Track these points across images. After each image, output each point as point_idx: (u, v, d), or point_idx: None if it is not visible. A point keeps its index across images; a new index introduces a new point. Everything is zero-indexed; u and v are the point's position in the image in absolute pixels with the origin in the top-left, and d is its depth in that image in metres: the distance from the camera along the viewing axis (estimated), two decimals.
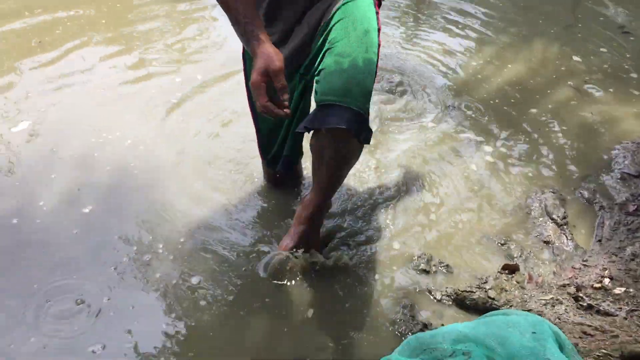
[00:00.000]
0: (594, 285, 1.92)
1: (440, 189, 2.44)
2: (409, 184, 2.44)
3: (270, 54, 1.54)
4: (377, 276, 2.01)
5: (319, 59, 1.72)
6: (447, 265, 2.08)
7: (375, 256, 2.09)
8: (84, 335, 1.73)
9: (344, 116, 1.60)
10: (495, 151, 2.70)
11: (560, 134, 2.86)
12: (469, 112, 3.00)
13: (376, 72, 1.68)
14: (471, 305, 1.91)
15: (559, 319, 1.78)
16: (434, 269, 2.06)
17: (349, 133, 1.62)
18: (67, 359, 1.67)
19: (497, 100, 3.11)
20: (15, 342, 1.70)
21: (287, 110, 1.56)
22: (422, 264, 2.06)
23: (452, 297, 1.94)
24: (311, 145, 1.77)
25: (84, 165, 2.41)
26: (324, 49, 1.70)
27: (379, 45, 1.69)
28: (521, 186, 2.50)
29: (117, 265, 1.97)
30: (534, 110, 3.04)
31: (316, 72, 1.72)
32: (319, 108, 1.66)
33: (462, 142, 2.75)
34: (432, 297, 1.95)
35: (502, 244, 2.19)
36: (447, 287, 1.98)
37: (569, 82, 3.33)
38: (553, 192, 2.44)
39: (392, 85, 3.18)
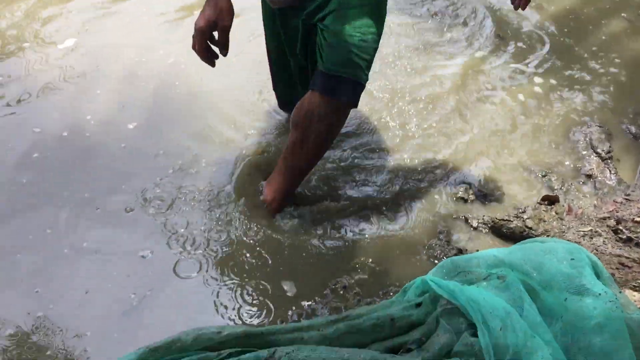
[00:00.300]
0: (635, 219, 1.90)
1: (484, 118, 2.41)
2: (453, 112, 2.41)
3: (223, 9, 1.57)
4: (415, 201, 2.02)
5: (324, 12, 1.68)
6: (485, 195, 2.08)
7: (415, 182, 2.10)
8: (133, 242, 1.82)
9: (349, 90, 1.69)
10: (544, 82, 2.63)
11: (611, 67, 2.75)
12: (520, 43, 2.89)
13: (379, 37, 1.71)
14: (508, 233, 1.92)
15: (597, 250, 1.78)
16: (472, 197, 2.06)
17: (349, 105, 1.73)
18: (118, 263, 1.76)
19: (549, 30, 2.99)
20: (69, 247, 1.80)
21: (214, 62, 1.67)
22: (460, 192, 2.07)
23: (489, 225, 1.95)
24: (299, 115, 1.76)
25: (128, 83, 2.44)
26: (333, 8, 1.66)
27: None
28: (567, 119, 2.44)
29: (162, 177, 2.04)
30: (586, 42, 2.92)
31: (322, 28, 1.68)
32: (326, 77, 1.68)
33: (511, 72, 2.68)
34: (468, 225, 1.96)
35: (543, 176, 2.16)
36: (484, 216, 1.99)
37: (622, 14, 3.17)
38: (599, 127, 2.38)
39: (442, 10, 3.08)
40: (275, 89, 2.21)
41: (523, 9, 1.80)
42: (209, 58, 1.66)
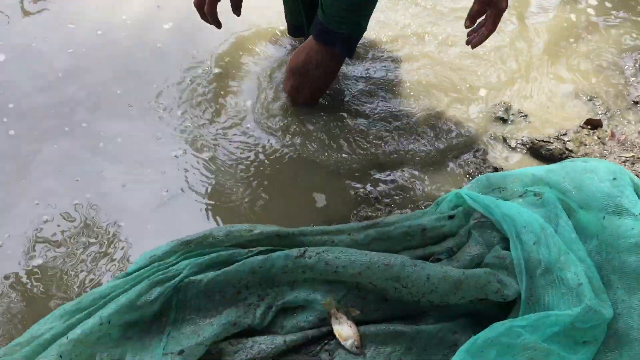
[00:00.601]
0: None
1: (533, 38, 2.30)
2: (499, 31, 2.30)
3: None
4: (452, 118, 1.97)
5: None
6: (526, 115, 2.01)
7: (453, 99, 2.04)
8: (167, 140, 1.83)
9: (345, 43, 1.75)
10: (598, 4, 2.49)
11: None
12: None
13: None
14: (546, 155, 1.87)
15: (638, 177, 1.73)
16: (512, 117, 2.00)
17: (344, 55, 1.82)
18: (153, 161, 1.77)
19: None
20: (104, 141, 1.81)
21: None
22: (500, 112, 2.01)
23: (528, 146, 1.90)
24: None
25: None
26: None
27: None
28: (618, 44, 2.32)
29: (196, 77, 2.03)
30: None
31: None
32: (324, 27, 1.72)
33: None
34: (506, 144, 1.92)
35: (588, 100, 2.09)
36: (523, 137, 1.93)
37: None
38: None
39: None
40: (285, 14, 2.14)
41: (473, 47, 1.67)
42: (215, 20, 1.64)
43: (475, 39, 1.63)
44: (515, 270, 1.34)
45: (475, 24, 1.64)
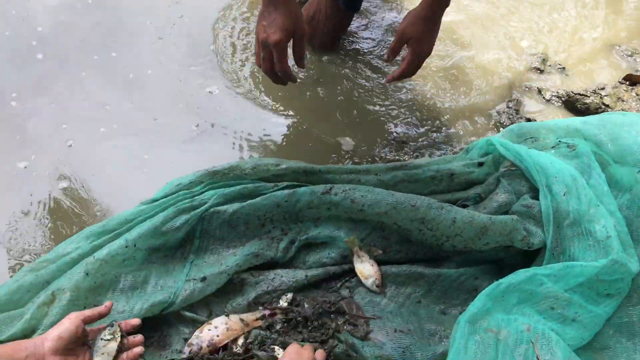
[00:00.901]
0: None
1: None
2: None
3: (299, 15, 1.34)
4: (487, 65, 1.93)
5: None
6: (564, 68, 1.95)
7: (490, 47, 1.98)
8: (200, 75, 1.81)
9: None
10: None
11: None
12: None
13: None
14: (582, 109, 1.82)
15: None
16: (549, 69, 1.95)
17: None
18: (187, 96, 1.76)
19: None
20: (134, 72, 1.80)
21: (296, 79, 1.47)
22: (536, 62, 1.95)
23: (563, 98, 1.85)
24: None
25: None
26: None
27: None
28: None
29: (229, 16, 2.00)
30: None
31: None
32: None
33: None
34: (541, 96, 1.87)
35: (629, 55, 2.01)
36: (559, 89, 1.88)
37: None
38: None
39: None
40: None
41: (388, 82, 1.62)
42: (291, 74, 1.41)
43: (388, 76, 1.58)
44: (543, 220, 1.32)
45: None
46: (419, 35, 1.45)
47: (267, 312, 1.26)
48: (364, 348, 1.20)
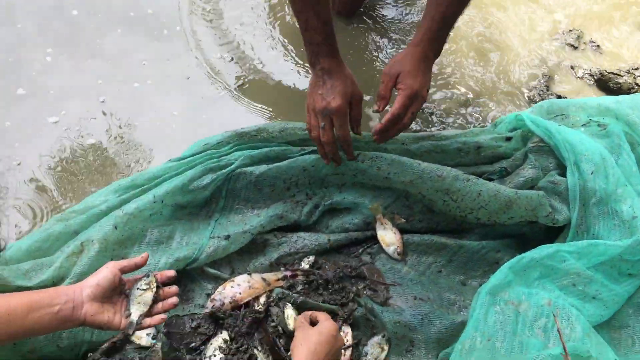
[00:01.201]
0: None
1: None
2: None
3: (354, 79, 1.25)
4: (519, 38, 1.89)
5: None
6: (598, 46, 1.92)
7: (526, 22, 1.95)
8: (225, 39, 1.81)
9: None
10: None
11: None
12: None
13: None
14: (614, 88, 1.79)
15: None
16: (583, 46, 1.91)
17: None
18: (217, 53, 1.76)
19: None
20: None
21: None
22: (571, 39, 1.91)
23: (596, 77, 1.82)
24: None
25: None
26: None
27: None
28: None
29: None
30: None
31: None
32: None
33: None
34: (573, 73, 1.84)
35: None
36: (592, 67, 1.85)
37: None
38: None
39: None
40: None
41: (375, 134, 1.26)
42: (351, 146, 1.28)
43: (376, 126, 1.25)
44: (569, 197, 1.32)
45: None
46: (408, 69, 1.22)
47: (288, 273, 1.28)
48: (383, 313, 1.21)
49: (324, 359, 0.99)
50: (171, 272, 1.08)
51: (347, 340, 1.19)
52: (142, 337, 1.18)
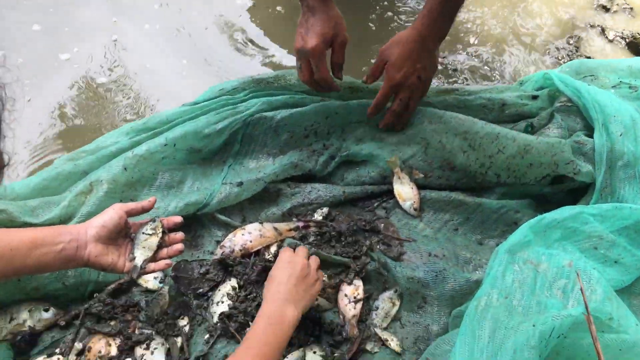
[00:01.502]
0: None
1: None
2: None
3: (340, 21, 1.18)
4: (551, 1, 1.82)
5: None
6: (631, 8, 1.84)
7: None
8: None
9: None
10: None
11: None
12: None
13: None
14: None
15: None
16: (615, 7, 1.83)
17: None
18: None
19: None
20: None
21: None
22: (603, 0, 1.83)
23: (627, 40, 1.75)
24: None
25: None
26: None
27: None
28: None
29: None
30: None
31: None
32: None
33: None
34: (604, 35, 1.77)
35: None
36: (624, 29, 1.77)
37: None
38: None
39: None
40: None
41: (369, 116, 1.30)
42: (332, 83, 1.25)
43: (381, 122, 1.30)
44: (595, 159, 1.27)
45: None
46: (394, 60, 1.21)
47: (300, 223, 1.25)
48: (397, 268, 1.18)
49: (287, 282, 0.98)
50: (178, 219, 1.05)
51: (359, 294, 1.16)
52: (149, 280, 1.16)
